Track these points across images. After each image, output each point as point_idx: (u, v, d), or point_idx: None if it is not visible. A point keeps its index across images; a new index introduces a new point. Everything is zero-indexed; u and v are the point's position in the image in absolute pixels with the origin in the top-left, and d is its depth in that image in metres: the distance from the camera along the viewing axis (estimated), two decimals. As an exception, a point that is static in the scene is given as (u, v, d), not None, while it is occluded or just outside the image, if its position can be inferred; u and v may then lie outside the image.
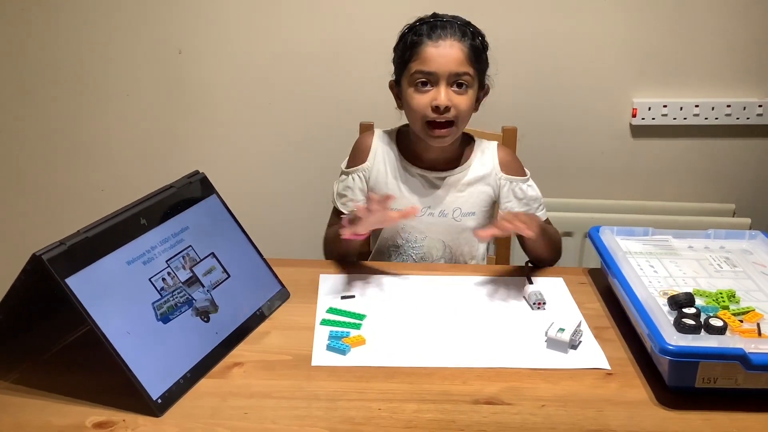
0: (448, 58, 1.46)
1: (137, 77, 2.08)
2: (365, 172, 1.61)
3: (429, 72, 1.47)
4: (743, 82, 2.11)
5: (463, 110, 1.49)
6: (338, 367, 1.18)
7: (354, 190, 1.61)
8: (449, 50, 1.46)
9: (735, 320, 1.17)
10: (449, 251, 1.63)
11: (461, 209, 1.60)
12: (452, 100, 1.47)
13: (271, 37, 2.05)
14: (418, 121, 1.51)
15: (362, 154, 1.63)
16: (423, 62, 1.47)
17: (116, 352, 1.05)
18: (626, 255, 1.38)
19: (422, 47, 1.47)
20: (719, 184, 2.20)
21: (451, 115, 1.48)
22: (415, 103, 1.49)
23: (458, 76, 1.47)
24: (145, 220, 1.19)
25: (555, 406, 1.10)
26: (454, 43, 1.46)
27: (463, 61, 1.47)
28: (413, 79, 1.49)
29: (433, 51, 1.46)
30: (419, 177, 1.59)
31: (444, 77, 1.46)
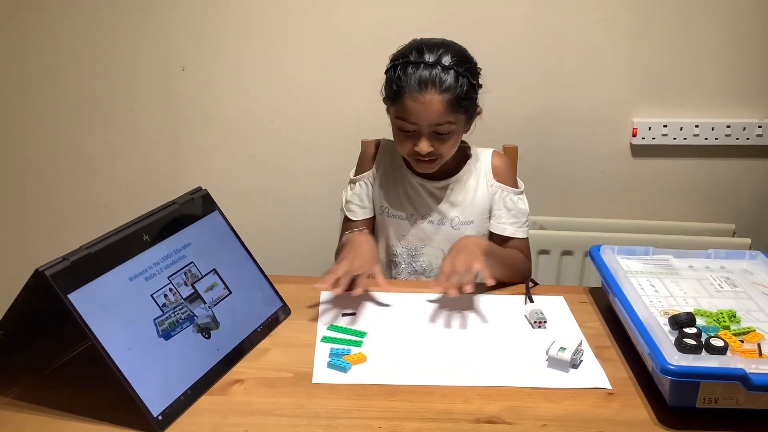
0: (428, 112, 1.45)
1: (140, 93, 2.09)
2: (370, 178, 1.65)
3: (410, 122, 1.47)
4: (743, 103, 2.12)
5: (446, 150, 1.52)
6: (339, 384, 1.18)
7: (361, 197, 1.65)
8: (429, 105, 1.44)
9: (736, 340, 1.17)
10: None
11: (459, 217, 1.62)
12: (434, 146, 1.49)
13: (273, 54, 2.06)
14: (403, 153, 1.55)
15: (367, 162, 1.67)
16: (404, 112, 1.47)
17: (117, 368, 1.05)
18: (627, 274, 1.38)
19: (404, 98, 1.45)
20: (719, 204, 2.21)
21: (433, 156, 1.51)
22: (400, 143, 1.53)
23: (439, 125, 1.47)
24: (148, 236, 1.19)
25: (556, 425, 1.09)
26: (434, 96, 1.43)
27: (443, 112, 1.45)
28: (397, 123, 1.50)
29: (413, 105, 1.45)
30: (419, 186, 1.62)
31: (425, 128, 1.47)
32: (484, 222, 1.64)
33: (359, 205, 1.66)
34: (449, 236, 1.61)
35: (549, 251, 2.14)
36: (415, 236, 1.63)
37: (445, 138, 1.50)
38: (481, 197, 1.63)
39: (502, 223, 1.61)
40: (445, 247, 1.62)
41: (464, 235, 1.60)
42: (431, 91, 1.43)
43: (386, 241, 1.67)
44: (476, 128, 1.58)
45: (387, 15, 2.03)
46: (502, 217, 1.62)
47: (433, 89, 1.43)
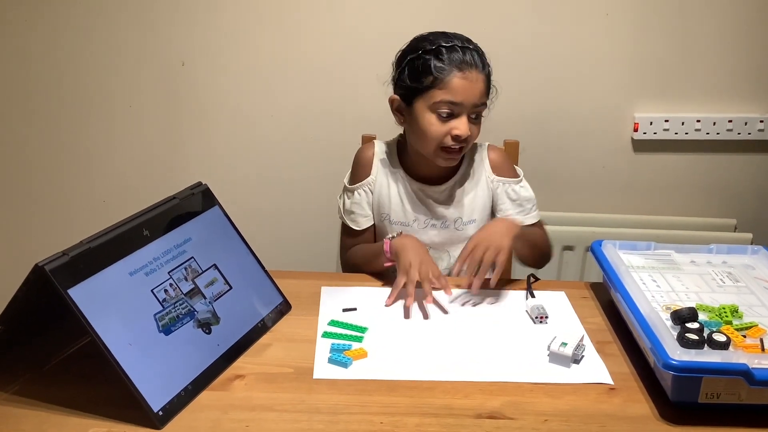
0: (474, 90, 1.45)
1: (140, 89, 2.08)
2: (370, 185, 1.62)
3: (455, 103, 1.45)
4: (745, 98, 2.11)
5: (475, 137, 1.51)
6: (340, 380, 1.18)
7: (362, 205, 1.62)
8: (475, 83, 1.45)
9: (738, 335, 1.16)
10: (454, 261, 1.62)
11: (462, 218, 1.61)
12: (470, 129, 1.48)
13: (273, 49, 2.05)
14: (432, 145, 1.50)
15: (365, 168, 1.63)
16: (450, 92, 1.44)
17: (118, 364, 1.05)
18: (629, 269, 1.38)
19: (450, 77, 1.44)
20: (721, 199, 2.20)
21: (467, 142, 1.50)
22: (435, 130, 1.47)
23: (478, 107, 1.48)
24: (148, 231, 1.19)
25: (558, 420, 1.09)
26: (479, 75, 1.46)
27: (483, 93, 1.48)
28: (436, 107, 1.46)
29: (461, 83, 1.44)
30: (420, 192, 1.60)
31: (467, 108, 1.46)
32: (487, 219, 1.63)
33: (362, 214, 1.62)
34: (453, 238, 1.61)
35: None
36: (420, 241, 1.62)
37: (477, 122, 1.49)
38: (482, 195, 1.62)
39: (509, 216, 1.60)
40: (451, 248, 1.62)
41: (468, 235, 1.59)
42: (475, 70, 1.45)
43: None
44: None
45: (389, 12, 2.02)
46: (508, 210, 1.61)
47: (476, 69, 1.45)
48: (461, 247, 1.59)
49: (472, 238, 1.44)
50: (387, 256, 1.48)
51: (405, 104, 1.53)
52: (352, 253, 1.64)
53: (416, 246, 1.45)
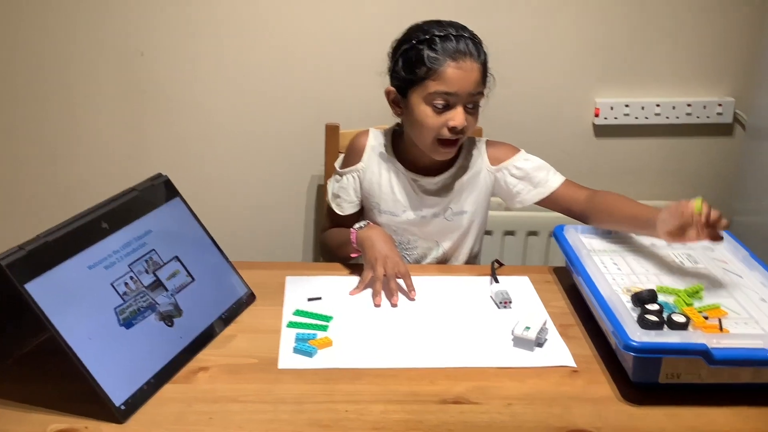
0: (468, 80, 1.43)
1: (99, 80, 2.04)
2: (359, 172, 1.60)
3: (450, 93, 1.43)
4: (703, 82, 2.14)
5: (471, 127, 1.49)
6: (305, 369, 1.17)
7: (348, 191, 1.61)
8: (470, 73, 1.42)
9: (699, 316, 1.18)
10: (442, 251, 1.63)
11: (452, 209, 1.59)
12: (467, 119, 1.46)
13: (235, 38, 2.03)
14: (429, 137, 1.48)
15: (356, 155, 1.61)
16: (444, 83, 1.42)
17: (78, 359, 1.04)
18: (590, 253, 1.39)
19: (444, 67, 1.41)
20: (681, 183, 2.23)
21: (463, 133, 1.48)
22: (431, 122, 1.45)
23: (473, 96, 1.45)
24: (107, 223, 1.17)
25: (522, 404, 1.10)
26: (474, 64, 1.43)
27: (479, 82, 1.45)
28: (431, 98, 1.44)
29: (456, 73, 1.42)
30: (413, 182, 1.58)
31: (463, 98, 1.44)
32: (478, 211, 1.62)
33: (347, 200, 1.61)
34: (443, 228, 1.61)
35: (515, 232, 2.15)
36: (408, 231, 1.61)
37: (474, 112, 1.47)
38: (478, 187, 1.60)
39: (530, 192, 1.58)
40: (439, 238, 1.62)
41: (458, 226, 1.60)
42: (470, 59, 1.42)
43: None
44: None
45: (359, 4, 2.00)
46: (521, 190, 1.59)
47: (470, 57, 1.43)
48: (451, 238, 1.62)
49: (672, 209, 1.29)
50: (353, 246, 1.48)
51: (401, 96, 1.50)
52: (327, 236, 1.64)
53: (383, 239, 1.45)
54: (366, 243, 1.44)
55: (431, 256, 1.63)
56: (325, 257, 1.65)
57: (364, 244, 1.45)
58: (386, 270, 1.40)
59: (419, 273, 1.48)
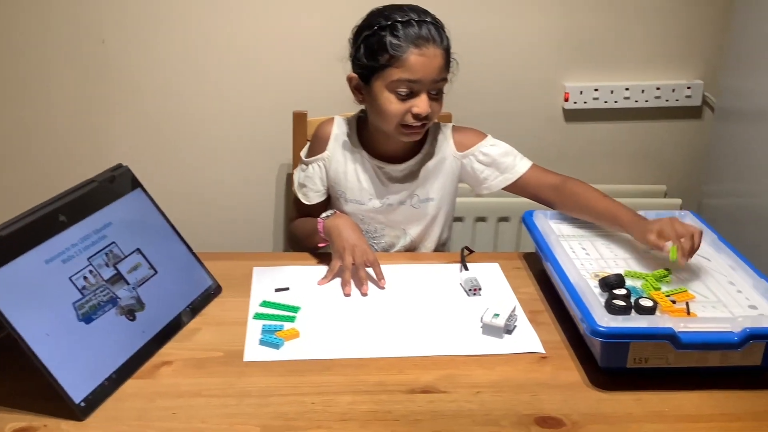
0: (431, 67, 1.40)
1: (59, 68, 2.00)
2: (325, 161, 1.58)
3: (414, 81, 1.41)
4: (672, 65, 2.14)
5: (437, 113, 1.47)
6: (271, 362, 1.16)
7: (314, 180, 1.58)
8: (432, 59, 1.40)
9: (667, 300, 1.18)
10: (410, 239, 1.62)
11: (419, 196, 1.58)
12: (431, 106, 1.44)
13: (199, 24, 1.99)
14: (392, 124, 1.46)
15: (321, 144, 1.58)
16: (407, 71, 1.40)
17: (35, 356, 1.01)
18: (559, 238, 1.38)
19: (407, 55, 1.39)
20: (650, 166, 2.24)
21: (428, 119, 1.46)
22: (394, 109, 1.43)
23: (437, 83, 1.43)
24: (65, 216, 1.14)
25: (490, 392, 1.09)
26: (437, 50, 1.41)
27: (442, 68, 1.43)
28: (394, 86, 1.42)
29: (419, 60, 1.39)
30: (378, 169, 1.56)
31: (426, 85, 1.42)
32: (445, 197, 1.60)
33: (313, 189, 1.59)
34: (410, 215, 1.59)
35: (486, 218, 2.14)
36: (375, 219, 1.59)
37: (439, 98, 1.45)
38: (444, 174, 1.58)
39: (496, 177, 1.57)
40: (406, 225, 1.60)
41: (425, 213, 1.58)
42: (432, 45, 1.40)
43: None
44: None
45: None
46: (488, 176, 1.57)
47: (434, 44, 1.40)
48: (418, 226, 1.60)
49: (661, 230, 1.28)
50: (320, 235, 1.46)
51: (363, 83, 1.47)
52: (294, 226, 1.62)
53: (350, 228, 1.43)
54: (333, 232, 1.43)
55: (399, 244, 1.62)
56: (293, 248, 1.63)
57: (331, 233, 1.43)
58: (355, 259, 1.38)
59: (388, 261, 1.47)
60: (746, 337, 1.07)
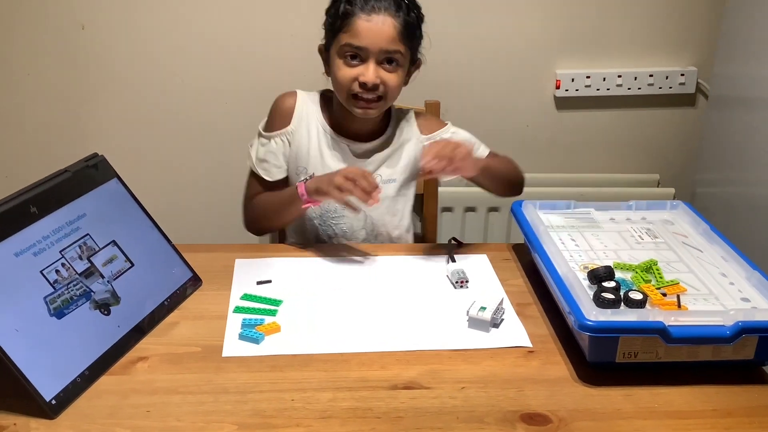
0: (379, 34, 1.38)
1: (37, 54, 1.95)
2: (288, 135, 1.54)
3: (359, 47, 1.40)
4: (665, 52, 2.11)
5: (392, 87, 1.44)
6: (250, 357, 1.12)
7: (277, 155, 1.54)
8: (381, 26, 1.38)
9: (657, 293, 1.15)
10: (371, 222, 1.58)
11: (381, 176, 1.55)
12: (381, 77, 1.41)
13: (178, 11, 1.95)
14: (343, 92, 1.45)
15: (284, 118, 1.54)
16: (353, 36, 1.39)
17: (3, 352, 0.97)
18: (548, 229, 1.35)
19: (354, 19, 1.39)
20: (643, 155, 2.21)
21: (380, 92, 1.43)
22: (342, 75, 1.42)
23: (389, 53, 1.40)
24: (36, 207, 1.10)
25: (475, 387, 1.06)
26: (387, 18, 1.39)
27: (395, 38, 1.40)
28: (342, 51, 1.41)
29: (365, 25, 1.38)
30: (339, 147, 1.53)
31: (374, 54, 1.40)
32: (406, 180, 1.59)
33: (276, 165, 1.54)
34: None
35: (475, 208, 2.11)
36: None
37: (394, 70, 1.42)
38: (407, 156, 1.57)
39: None
40: (368, 209, 1.56)
41: (386, 195, 1.55)
42: (384, 13, 1.39)
43: None
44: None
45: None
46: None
47: (386, 12, 1.39)
48: (379, 207, 1.55)
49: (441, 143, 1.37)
50: (303, 198, 1.42)
51: (327, 52, 1.48)
52: (258, 202, 1.56)
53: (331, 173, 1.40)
54: (319, 181, 1.40)
55: (358, 226, 1.58)
56: (253, 227, 1.59)
57: (317, 186, 1.39)
58: (349, 175, 1.35)
59: (374, 252, 1.44)
60: (738, 330, 1.04)
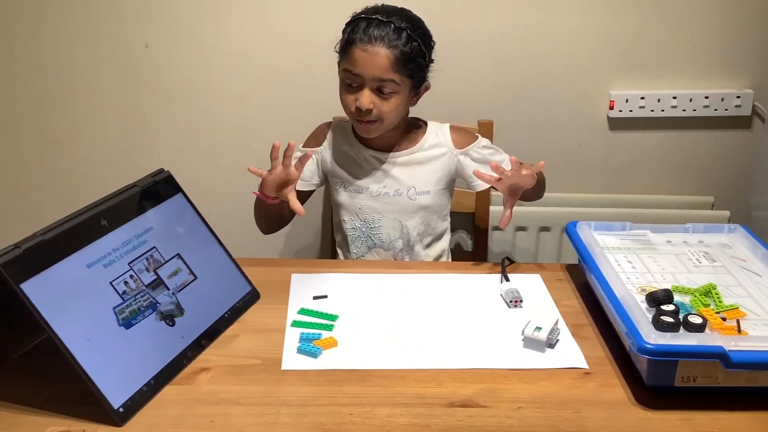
0: (373, 64, 1.47)
1: (103, 72, 2.02)
2: (317, 155, 1.67)
3: (355, 74, 1.50)
4: (721, 73, 2.09)
5: (387, 112, 1.52)
6: (309, 370, 1.14)
7: (304, 170, 1.60)
8: (375, 57, 1.47)
9: (716, 317, 1.14)
10: (406, 231, 1.65)
11: (415, 188, 1.62)
12: (375, 103, 1.50)
13: (241, 30, 1.99)
14: (347, 112, 1.57)
15: (318, 138, 1.69)
16: (351, 63, 1.50)
17: (75, 360, 1.01)
18: (603, 250, 1.35)
19: (353, 48, 1.49)
20: (697, 177, 2.18)
21: (374, 117, 1.52)
22: (343, 98, 1.55)
23: (383, 81, 1.49)
24: (106, 221, 1.15)
25: (531, 407, 1.07)
26: (382, 49, 1.47)
27: (388, 68, 1.48)
28: (343, 76, 1.53)
29: (361, 55, 1.48)
30: (373, 159, 1.62)
31: (368, 81, 1.49)
32: (440, 192, 1.65)
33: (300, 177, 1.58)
34: (405, 207, 1.63)
35: (526, 228, 2.11)
36: (372, 209, 1.64)
37: (387, 97, 1.50)
38: (440, 168, 1.64)
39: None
40: (402, 218, 1.64)
41: (420, 205, 1.63)
42: (379, 44, 1.47)
43: (341, 216, 1.67)
44: (450, 103, 1.53)
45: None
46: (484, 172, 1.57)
47: (381, 43, 1.47)
48: (413, 217, 1.64)
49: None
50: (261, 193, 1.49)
51: None
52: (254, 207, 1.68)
53: None
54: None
55: (395, 236, 1.64)
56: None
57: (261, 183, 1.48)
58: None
59: (428, 270, 1.45)
60: (800, 357, 1.03)
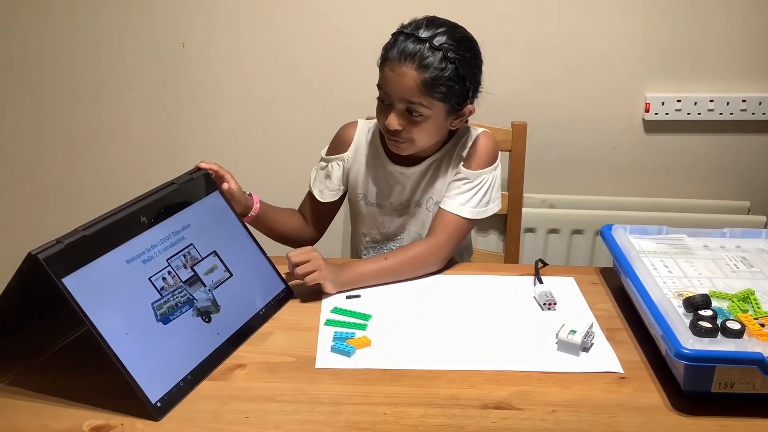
0: (399, 85, 1.39)
1: (140, 71, 2.05)
2: (345, 161, 1.59)
3: (385, 92, 1.43)
4: (759, 77, 2.06)
5: (416, 133, 1.43)
6: (342, 369, 1.15)
7: (332, 178, 1.60)
8: (402, 79, 1.38)
9: (755, 324, 1.13)
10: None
11: (433, 198, 1.56)
12: (404, 125, 1.42)
13: (276, 30, 2.01)
14: (380, 127, 1.49)
15: (344, 145, 1.60)
16: (382, 80, 1.43)
17: (114, 354, 1.02)
18: (639, 254, 1.34)
19: (385, 65, 1.41)
20: (733, 181, 2.16)
21: (403, 138, 1.44)
22: (376, 113, 1.48)
23: (411, 103, 1.40)
24: (145, 217, 1.16)
25: (566, 411, 1.06)
26: (410, 71, 1.36)
27: (415, 91, 1.38)
28: (378, 90, 1.45)
29: (390, 74, 1.40)
30: (397, 174, 1.56)
31: (397, 101, 1.41)
32: None
33: (329, 187, 1.60)
34: (424, 219, 1.58)
35: (559, 230, 2.10)
36: (393, 223, 1.59)
37: (417, 121, 1.41)
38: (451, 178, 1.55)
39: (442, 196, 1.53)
40: (422, 231, 1.58)
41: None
42: (409, 64, 1.37)
43: (361, 227, 1.64)
44: (485, 104, 1.52)
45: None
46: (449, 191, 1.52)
47: (411, 63, 1.37)
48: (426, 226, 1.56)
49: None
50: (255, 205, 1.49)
51: None
52: None
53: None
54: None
55: None
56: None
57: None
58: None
59: (461, 271, 1.45)
60: (841, 365, 1.02)
